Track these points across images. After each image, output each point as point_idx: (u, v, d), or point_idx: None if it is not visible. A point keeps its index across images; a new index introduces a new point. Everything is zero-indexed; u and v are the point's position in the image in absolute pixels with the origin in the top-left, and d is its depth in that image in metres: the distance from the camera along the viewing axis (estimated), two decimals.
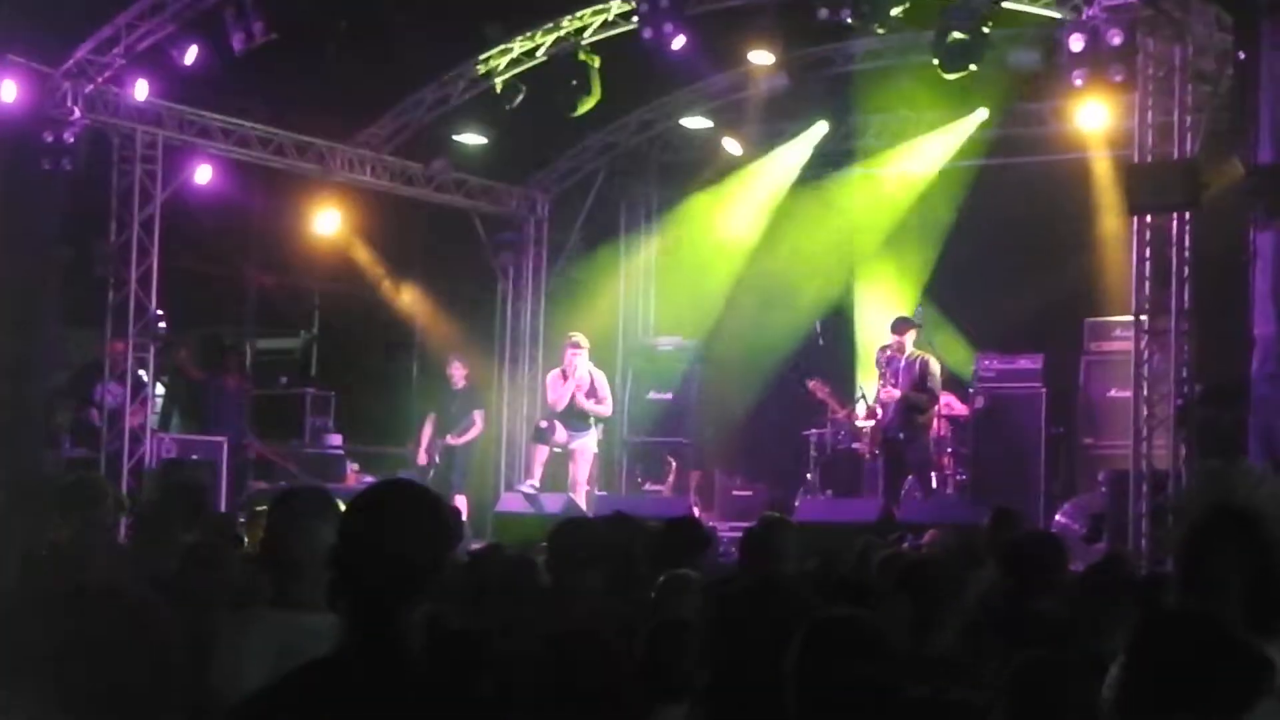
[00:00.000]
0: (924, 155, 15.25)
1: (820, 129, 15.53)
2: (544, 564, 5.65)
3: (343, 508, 2.89)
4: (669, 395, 15.77)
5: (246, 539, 7.79)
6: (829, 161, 15.82)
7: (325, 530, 3.27)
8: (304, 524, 3.44)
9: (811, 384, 14.21)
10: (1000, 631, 4.83)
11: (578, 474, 12.89)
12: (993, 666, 3.64)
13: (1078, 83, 11.37)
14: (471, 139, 15.15)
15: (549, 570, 5.60)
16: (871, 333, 14.87)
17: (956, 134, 14.98)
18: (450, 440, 14.24)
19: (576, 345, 13.10)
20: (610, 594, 5.41)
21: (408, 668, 2.65)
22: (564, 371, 13.12)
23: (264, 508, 6.57)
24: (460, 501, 14.09)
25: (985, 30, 11.76)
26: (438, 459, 14.40)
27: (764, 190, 16.00)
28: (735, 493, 14.84)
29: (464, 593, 5.42)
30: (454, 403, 14.52)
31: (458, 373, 14.54)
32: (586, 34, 13.75)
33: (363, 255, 15.99)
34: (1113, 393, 13.30)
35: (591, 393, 13.03)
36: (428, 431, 14.58)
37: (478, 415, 14.56)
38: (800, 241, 15.68)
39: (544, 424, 12.91)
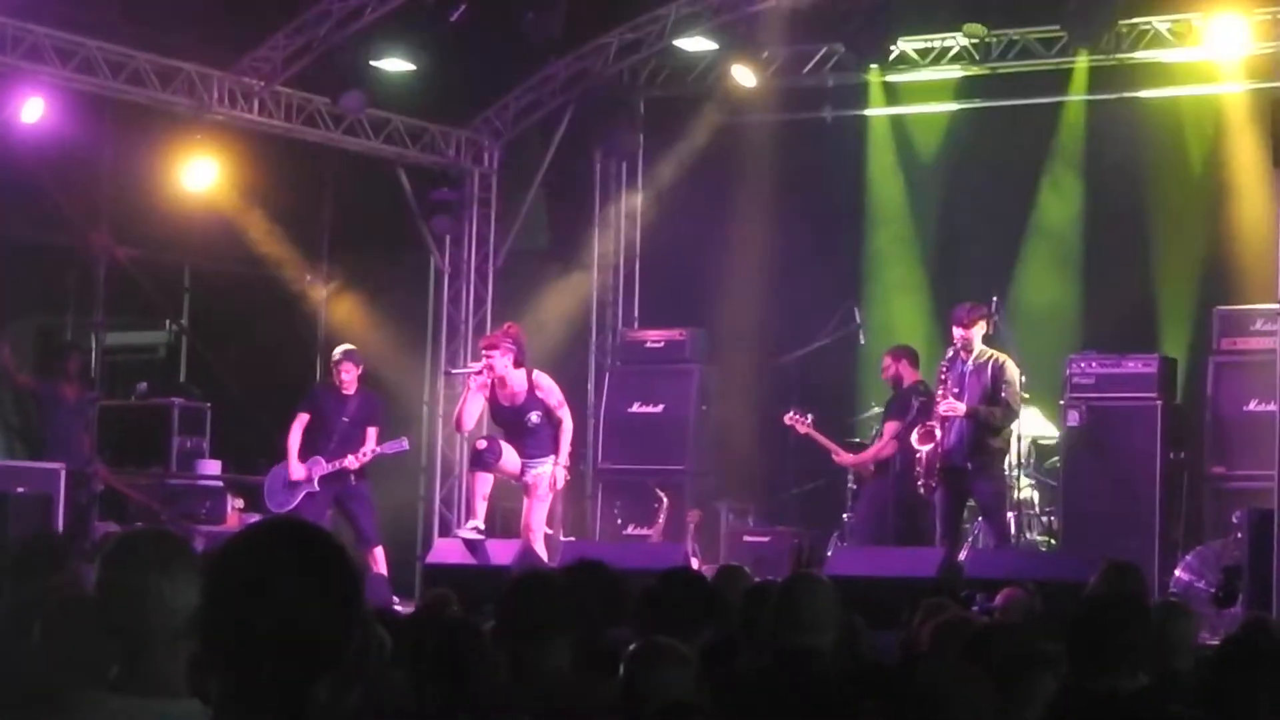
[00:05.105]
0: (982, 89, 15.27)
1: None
2: (491, 633, 5.63)
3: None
4: (658, 408, 15.75)
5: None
6: (857, 96, 15.82)
7: (173, 587, 3.35)
8: (144, 580, 3.46)
9: (789, 417, 14.14)
10: None
11: (531, 515, 12.75)
12: None
13: None
14: (396, 65, 15.10)
15: (497, 641, 5.57)
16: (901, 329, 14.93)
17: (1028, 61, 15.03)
18: (358, 458, 13.85)
19: (491, 346, 12.69)
20: (580, 671, 5.39)
21: None
22: (471, 378, 12.86)
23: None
24: (374, 557, 13.73)
25: None
26: (316, 485, 13.72)
27: None
28: (747, 538, 14.81)
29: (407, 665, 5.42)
30: (345, 411, 14.04)
31: (349, 375, 13.95)
32: None
33: (249, 220, 15.94)
34: (1251, 406, 13.32)
35: (530, 403, 12.80)
36: (296, 439, 13.82)
37: (371, 433, 13.98)
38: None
39: (483, 444, 12.77)
